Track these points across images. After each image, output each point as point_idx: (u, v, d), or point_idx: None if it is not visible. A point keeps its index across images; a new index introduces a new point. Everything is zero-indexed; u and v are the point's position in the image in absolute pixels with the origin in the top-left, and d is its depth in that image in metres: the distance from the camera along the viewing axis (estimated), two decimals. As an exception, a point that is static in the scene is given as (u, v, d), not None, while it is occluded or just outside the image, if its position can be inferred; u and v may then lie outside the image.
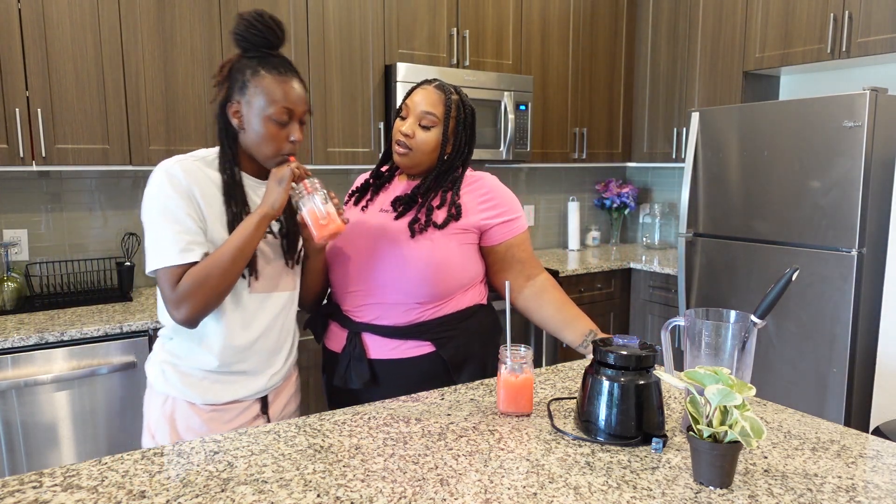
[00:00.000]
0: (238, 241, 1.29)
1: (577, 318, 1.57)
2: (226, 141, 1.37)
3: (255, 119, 1.32)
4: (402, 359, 1.52)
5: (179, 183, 1.30)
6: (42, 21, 2.24)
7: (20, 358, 2.02)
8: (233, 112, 1.34)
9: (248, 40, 1.33)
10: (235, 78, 1.34)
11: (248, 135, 1.35)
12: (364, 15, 2.89)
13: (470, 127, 1.58)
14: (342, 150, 2.89)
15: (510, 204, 1.59)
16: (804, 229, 2.67)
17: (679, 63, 3.60)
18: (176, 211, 1.29)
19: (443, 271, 1.49)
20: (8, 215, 2.54)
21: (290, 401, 1.57)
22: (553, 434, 1.18)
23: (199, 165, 1.36)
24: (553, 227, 4.09)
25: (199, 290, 1.27)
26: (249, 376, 1.43)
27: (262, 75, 1.32)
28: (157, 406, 1.42)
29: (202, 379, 1.39)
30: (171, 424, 1.40)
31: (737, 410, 0.96)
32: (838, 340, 2.57)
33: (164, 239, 1.28)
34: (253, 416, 1.46)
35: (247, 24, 1.33)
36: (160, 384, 1.41)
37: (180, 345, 1.40)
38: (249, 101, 1.32)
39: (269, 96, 1.31)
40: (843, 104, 2.50)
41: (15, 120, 2.22)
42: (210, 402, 1.40)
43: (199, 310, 1.28)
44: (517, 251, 1.59)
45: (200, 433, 1.39)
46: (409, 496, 0.95)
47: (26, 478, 1.00)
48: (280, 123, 1.33)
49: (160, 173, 1.31)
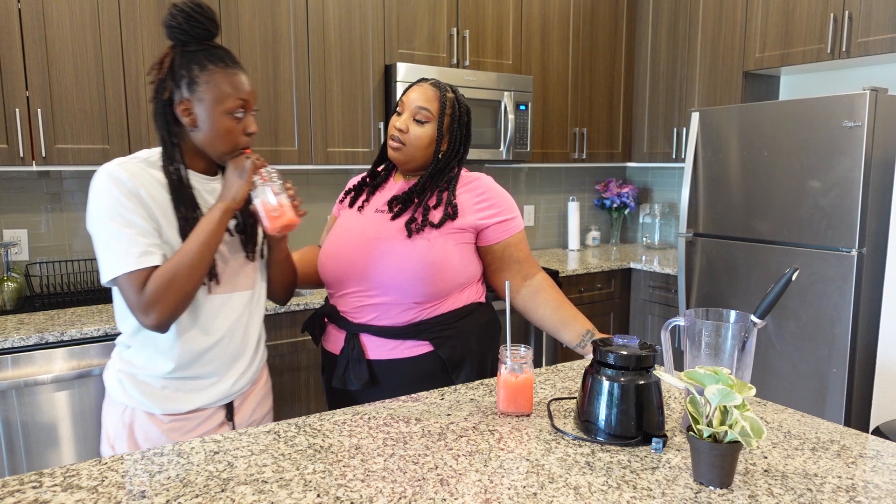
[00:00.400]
0: (202, 236, 1.24)
1: (575, 318, 1.57)
2: (169, 140, 1.30)
3: (209, 116, 1.27)
4: (401, 359, 1.52)
5: (125, 185, 1.24)
6: (42, 21, 2.24)
7: (20, 358, 2.02)
8: (182, 111, 1.27)
9: (187, 32, 1.26)
10: (180, 75, 1.26)
11: (202, 132, 1.29)
12: (364, 15, 2.89)
13: (465, 125, 1.59)
14: (342, 150, 2.89)
15: (506, 204, 1.59)
16: (804, 229, 2.67)
17: (679, 63, 3.60)
18: (127, 214, 1.22)
19: (440, 270, 1.49)
20: (8, 215, 2.54)
21: (259, 405, 1.50)
22: (553, 434, 1.18)
23: (143, 167, 1.29)
24: (553, 227, 4.09)
25: (168, 291, 1.22)
26: (211, 382, 1.38)
27: (211, 70, 1.26)
28: (116, 416, 1.36)
29: (161, 388, 1.34)
30: (130, 435, 1.34)
31: (737, 410, 0.96)
32: (838, 340, 2.57)
33: (119, 244, 1.22)
34: (217, 423, 1.40)
35: (186, 15, 1.25)
36: (118, 394, 1.36)
37: (138, 353, 1.34)
38: (201, 98, 1.26)
39: (222, 91, 1.26)
40: (843, 104, 2.50)
41: (15, 120, 2.22)
42: (170, 412, 1.34)
43: (170, 312, 1.23)
44: (514, 251, 1.60)
45: (160, 444, 1.33)
46: (409, 496, 0.95)
47: (26, 478, 1.00)
48: (236, 117, 1.29)
49: (103, 177, 1.24)
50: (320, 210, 3.22)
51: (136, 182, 1.25)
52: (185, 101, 1.27)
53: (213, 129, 1.28)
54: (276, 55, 2.70)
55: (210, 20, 1.28)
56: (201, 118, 1.27)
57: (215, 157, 1.33)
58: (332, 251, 1.58)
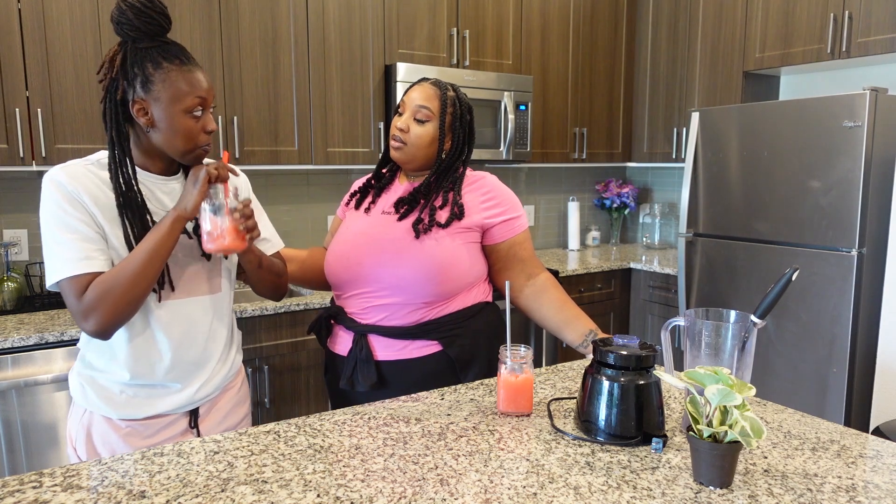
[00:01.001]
0: (149, 245, 1.19)
1: (578, 318, 1.57)
2: (118, 141, 1.24)
3: (166, 115, 1.22)
4: (410, 359, 1.52)
5: (65, 189, 1.21)
6: (42, 21, 2.24)
7: (20, 358, 2.02)
8: (138, 111, 1.21)
9: (138, 29, 1.20)
10: (133, 74, 1.20)
11: (159, 132, 1.23)
12: (364, 15, 2.89)
13: (468, 124, 1.58)
14: (342, 150, 2.89)
15: (511, 203, 1.59)
16: (804, 229, 2.67)
17: (679, 63, 3.60)
18: (68, 220, 1.20)
19: (448, 270, 1.49)
20: (8, 215, 2.54)
21: (232, 412, 1.46)
22: (553, 434, 1.18)
23: (92, 169, 1.25)
24: (553, 227, 4.09)
25: (106, 299, 1.17)
26: (171, 390, 1.34)
27: (166, 68, 1.20)
28: (77, 419, 1.34)
29: (119, 393, 1.31)
30: (89, 439, 1.32)
31: (737, 410, 0.96)
32: (838, 340, 2.57)
33: (61, 249, 1.19)
34: (179, 431, 1.37)
35: (136, 10, 1.18)
36: (78, 397, 1.34)
37: (95, 358, 1.32)
38: (157, 97, 1.20)
39: (179, 90, 1.21)
40: (843, 104, 2.50)
41: (15, 120, 2.22)
42: (127, 418, 1.31)
43: (109, 321, 1.19)
44: (519, 250, 1.60)
45: (118, 450, 1.31)
46: (409, 496, 0.95)
47: (26, 478, 1.00)
48: (195, 116, 1.24)
49: (46, 182, 1.22)
50: (320, 210, 3.22)
51: (77, 186, 1.21)
52: (140, 100, 1.21)
53: (171, 129, 1.23)
54: (276, 55, 2.70)
55: (162, 15, 1.22)
56: (158, 118, 1.22)
57: (176, 157, 1.28)
58: (338, 253, 1.58)
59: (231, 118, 2.61)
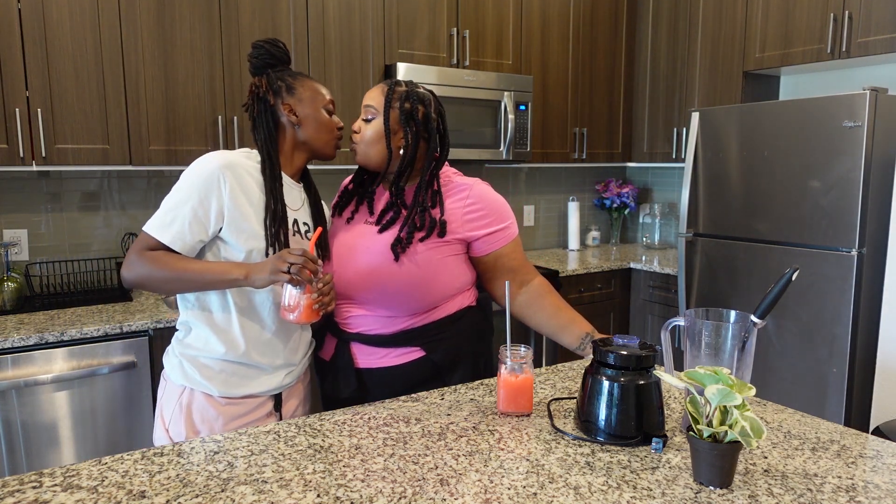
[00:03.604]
0: (205, 275, 1.35)
1: (573, 322, 1.56)
2: (272, 143, 1.47)
3: (311, 110, 1.48)
4: (391, 367, 1.51)
5: (208, 175, 1.37)
6: (42, 21, 2.24)
7: (20, 358, 2.02)
8: (287, 111, 1.47)
9: (273, 55, 1.50)
10: (277, 85, 1.48)
11: (305, 126, 1.48)
12: (364, 15, 2.89)
13: (424, 118, 1.50)
14: (342, 150, 2.89)
15: (497, 213, 1.53)
16: (804, 229, 2.67)
17: (679, 63, 3.60)
18: (190, 199, 1.37)
19: (429, 286, 1.48)
20: (8, 215, 2.54)
21: (303, 402, 1.61)
22: (553, 434, 1.18)
23: (240, 158, 1.44)
24: (553, 227, 4.09)
25: (143, 273, 1.36)
26: (265, 372, 1.47)
27: (301, 78, 1.51)
28: (174, 398, 1.45)
29: (220, 371, 1.44)
30: (188, 416, 1.43)
31: (737, 410, 0.96)
32: (838, 340, 2.57)
33: (163, 212, 1.38)
34: (266, 412, 1.50)
35: (270, 43, 1.51)
36: (177, 376, 1.45)
37: (198, 336, 1.45)
38: (300, 98, 1.48)
39: (316, 90, 1.50)
40: (843, 104, 2.50)
41: (15, 120, 2.22)
42: (226, 395, 1.44)
43: (134, 284, 1.37)
44: (506, 261, 1.57)
45: (215, 425, 1.44)
46: (409, 496, 0.95)
47: (26, 478, 1.00)
48: (329, 112, 1.51)
49: (201, 160, 1.40)
50: (320, 210, 3.22)
51: (226, 173, 1.39)
52: (287, 102, 1.47)
53: (315, 121, 1.49)
54: (276, 55, 2.70)
55: (286, 47, 1.54)
56: (303, 114, 1.48)
57: (319, 147, 1.51)
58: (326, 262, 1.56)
59: (231, 118, 2.61)
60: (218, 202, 1.37)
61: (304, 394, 1.62)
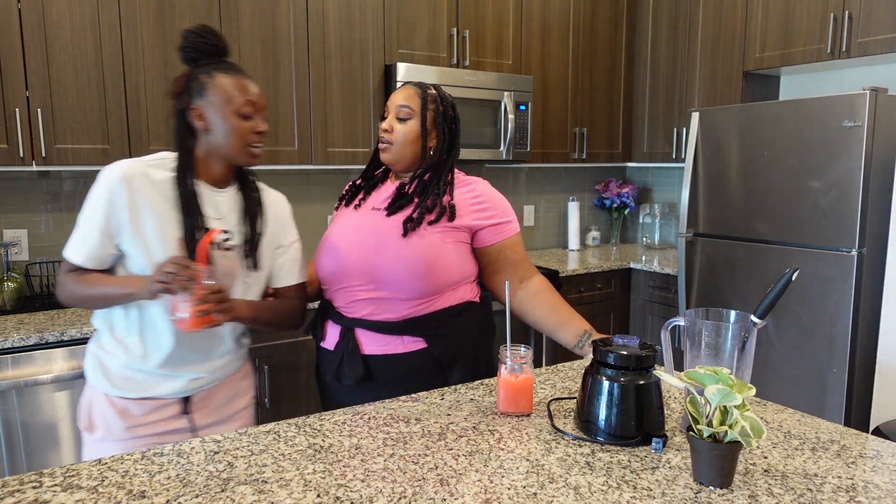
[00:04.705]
0: (106, 289, 1.36)
1: (571, 320, 1.58)
2: (184, 150, 1.40)
3: (219, 117, 1.37)
4: (395, 354, 1.53)
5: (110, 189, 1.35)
6: (42, 21, 2.24)
7: (20, 358, 2.02)
8: (195, 116, 1.38)
9: (198, 49, 1.40)
10: (191, 86, 1.39)
11: (214, 134, 1.39)
12: (364, 15, 2.89)
13: (452, 121, 1.60)
14: (342, 150, 2.89)
15: (502, 208, 1.61)
16: (804, 229, 2.67)
17: (679, 63, 3.60)
18: (93, 216, 1.36)
19: (435, 267, 1.50)
20: (8, 215, 2.54)
21: (231, 402, 1.54)
22: (553, 434, 1.18)
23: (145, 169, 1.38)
24: (553, 227, 4.09)
25: (69, 294, 1.39)
26: (166, 377, 1.44)
27: (217, 76, 1.38)
28: (86, 395, 1.49)
29: (117, 374, 1.43)
30: (89, 413, 1.46)
31: (737, 410, 0.96)
32: (838, 340, 2.57)
33: (76, 233, 1.39)
34: (171, 415, 1.45)
35: (195, 35, 1.40)
36: (89, 374, 1.48)
37: (105, 339, 1.46)
38: (210, 101, 1.37)
39: (228, 93, 1.37)
40: (843, 104, 2.50)
41: (15, 120, 2.22)
42: (123, 396, 1.43)
43: (67, 304, 1.42)
44: (509, 253, 1.61)
45: (113, 426, 1.43)
46: (409, 496, 0.95)
47: (26, 478, 1.00)
48: (244, 116, 1.39)
49: (103, 173, 1.37)
50: (320, 210, 3.22)
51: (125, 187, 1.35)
52: (196, 107, 1.38)
53: (223, 129, 1.38)
54: (276, 55, 2.70)
55: (216, 37, 1.41)
56: (212, 120, 1.38)
57: (231, 157, 1.41)
58: (329, 246, 1.60)
59: (231, 118, 2.61)
60: (117, 215, 1.35)
61: (233, 394, 1.54)
